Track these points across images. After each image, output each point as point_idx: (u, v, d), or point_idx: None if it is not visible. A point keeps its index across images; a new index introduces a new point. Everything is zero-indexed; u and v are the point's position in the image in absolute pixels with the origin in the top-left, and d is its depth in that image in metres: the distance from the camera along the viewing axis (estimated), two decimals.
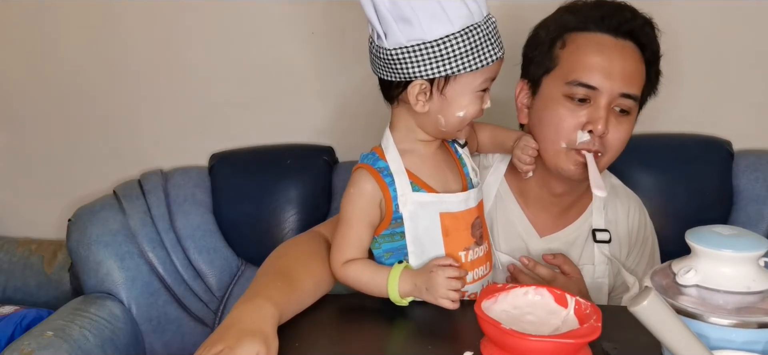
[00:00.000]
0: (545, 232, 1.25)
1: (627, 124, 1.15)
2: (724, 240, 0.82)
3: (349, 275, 1.03)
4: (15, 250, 1.81)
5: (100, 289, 1.55)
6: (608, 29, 1.13)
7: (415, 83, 0.97)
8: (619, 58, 1.12)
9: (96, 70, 1.75)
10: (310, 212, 1.63)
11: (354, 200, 1.03)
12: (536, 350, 0.83)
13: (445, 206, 1.02)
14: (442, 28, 0.93)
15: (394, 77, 0.98)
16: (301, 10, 1.67)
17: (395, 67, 0.97)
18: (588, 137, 1.12)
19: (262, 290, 0.97)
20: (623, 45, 1.13)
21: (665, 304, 0.74)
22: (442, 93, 0.98)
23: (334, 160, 1.73)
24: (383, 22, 0.95)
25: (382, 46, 0.97)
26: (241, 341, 0.86)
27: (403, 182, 1.01)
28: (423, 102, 0.98)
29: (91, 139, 1.81)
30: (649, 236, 1.34)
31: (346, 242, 1.03)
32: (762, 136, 1.64)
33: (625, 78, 1.12)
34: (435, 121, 1.00)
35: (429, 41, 0.94)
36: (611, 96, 1.11)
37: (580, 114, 1.12)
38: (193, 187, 1.68)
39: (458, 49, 0.94)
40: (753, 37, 1.60)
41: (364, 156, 1.05)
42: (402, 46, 0.95)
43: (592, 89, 1.11)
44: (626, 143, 1.17)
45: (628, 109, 1.14)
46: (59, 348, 1.33)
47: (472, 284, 1.05)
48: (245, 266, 1.68)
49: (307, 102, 1.74)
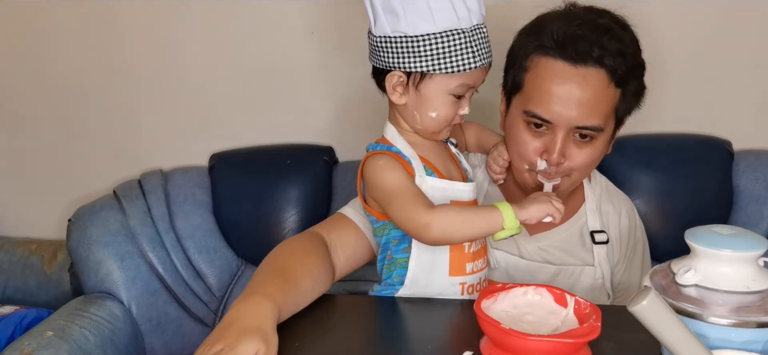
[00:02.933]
0: (535, 231, 1.25)
1: (590, 149, 1.13)
2: (724, 240, 0.82)
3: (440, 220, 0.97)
4: (15, 250, 1.81)
5: (100, 289, 1.55)
6: (567, 58, 1.08)
7: (393, 73, 1.01)
8: (576, 88, 1.07)
9: (96, 70, 1.75)
10: (310, 212, 1.63)
11: (392, 166, 1.01)
12: (536, 350, 0.83)
13: (456, 194, 1.05)
14: (425, 25, 0.96)
15: (378, 64, 1.03)
16: (301, 10, 1.67)
17: (379, 54, 1.02)
18: (545, 165, 1.13)
19: (261, 288, 0.97)
20: (584, 73, 1.07)
21: (665, 304, 0.74)
22: (417, 89, 1.01)
23: (334, 160, 1.73)
24: (374, 9, 1.00)
25: (371, 32, 1.03)
26: (240, 339, 0.86)
27: (418, 164, 1.04)
28: (399, 94, 1.02)
29: (91, 139, 1.81)
30: (639, 239, 1.34)
31: (415, 200, 0.98)
32: (762, 136, 1.63)
33: (583, 110, 1.08)
34: (411, 117, 1.04)
35: (410, 36, 0.97)
36: (568, 128, 1.10)
37: (537, 141, 1.13)
38: (193, 187, 1.68)
39: (436, 49, 0.97)
40: (753, 37, 1.60)
41: (371, 146, 1.07)
42: (386, 36, 0.99)
43: (548, 122, 1.11)
44: (596, 162, 1.16)
45: (592, 136, 1.12)
46: (59, 348, 1.33)
47: (471, 276, 1.06)
48: (245, 266, 1.68)
49: (307, 102, 1.74)
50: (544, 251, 1.24)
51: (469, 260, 1.05)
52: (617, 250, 1.28)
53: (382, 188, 1.01)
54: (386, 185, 1.01)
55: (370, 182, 1.03)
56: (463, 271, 1.05)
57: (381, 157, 1.03)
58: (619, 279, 1.28)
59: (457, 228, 0.98)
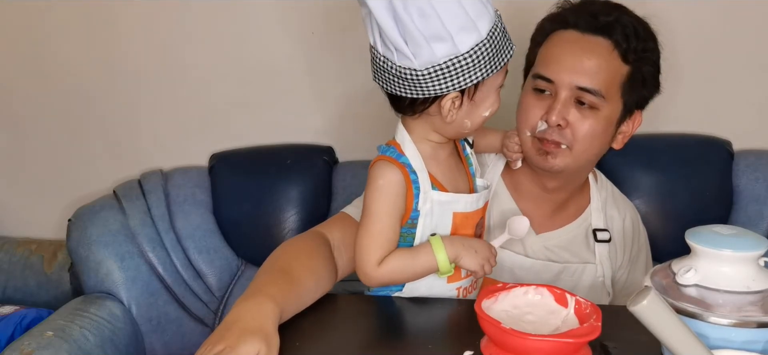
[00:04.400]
0: (541, 229, 1.25)
1: (592, 119, 1.14)
2: (724, 240, 0.82)
3: (386, 272, 0.99)
4: (15, 250, 1.81)
5: (100, 289, 1.55)
6: (577, 26, 1.16)
7: (449, 97, 0.95)
8: (581, 52, 1.14)
9: (96, 70, 1.76)
10: (310, 212, 1.63)
11: (386, 192, 0.99)
12: (536, 350, 0.83)
13: (459, 206, 1.03)
14: (472, 38, 0.91)
15: (422, 94, 0.95)
16: (301, 10, 1.67)
17: (425, 85, 0.93)
18: (545, 126, 1.15)
19: (263, 288, 0.97)
20: (591, 40, 1.14)
21: (665, 303, 0.74)
22: (472, 99, 0.97)
23: (334, 160, 1.73)
24: (412, 43, 0.90)
25: (409, 67, 0.92)
26: (242, 339, 0.86)
27: (425, 179, 1.01)
28: (453, 112, 0.97)
29: (91, 139, 1.81)
30: (643, 245, 1.35)
31: (380, 237, 0.99)
32: (762, 136, 1.64)
33: (585, 72, 1.13)
34: (460, 125, 1.00)
35: (461, 54, 0.91)
36: (569, 89, 1.13)
37: (541, 105, 1.16)
38: (193, 187, 1.68)
39: (487, 54, 0.93)
40: (753, 37, 1.60)
41: (383, 149, 1.03)
42: (436, 64, 0.91)
43: (550, 82, 1.15)
44: (595, 140, 1.16)
45: (593, 105, 1.14)
46: (59, 348, 1.33)
47: (465, 280, 1.06)
48: (245, 266, 1.68)
49: (307, 102, 1.74)
50: (550, 250, 1.24)
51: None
52: (620, 252, 1.28)
53: (366, 203, 1.01)
54: (371, 203, 1.00)
55: (366, 186, 1.03)
56: (458, 276, 1.05)
57: (383, 176, 0.99)
58: (622, 284, 1.29)
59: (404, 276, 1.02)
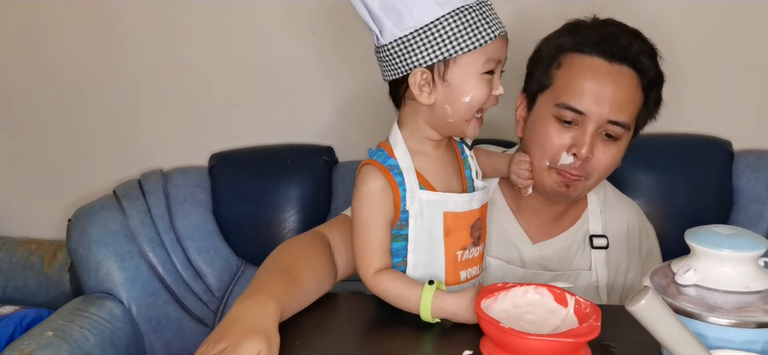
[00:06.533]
0: (538, 239, 1.25)
1: (615, 150, 1.14)
2: (724, 240, 0.82)
3: (379, 288, 1.00)
4: (15, 250, 1.81)
5: (100, 289, 1.55)
6: (603, 54, 1.12)
7: (416, 72, 0.96)
8: (611, 84, 1.11)
9: (96, 70, 1.76)
10: (310, 212, 1.63)
11: (368, 199, 0.99)
12: (535, 350, 0.83)
13: (449, 206, 1.01)
14: (432, 12, 0.93)
15: (396, 73, 0.98)
16: (301, 10, 1.67)
17: (394, 62, 0.97)
18: (571, 160, 1.13)
19: (264, 287, 0.97)
20: (618, 70, 1.12)
21: (663, 304, 0.74)
22: (444, 79, 0.96)
23: (334, 160, 1.73)
24: (376, 20, 0.95)
25: (380, 45, 0.98)
26: (243, 339, 0.86)
27: (412, 179, 1.00)
28: (427, 93, 0.97)
29: (91, 140, 1.81)
30: (653, 245, 1.33)
31: (370, 248, 1.00)
32: (762, 136, 1.64)
33: (615, 105, 1.11)
34: (442, 112, 0.99)
35: (421, 27, 0.94)
36: (599, 122, 1.12)
37: (566, 136, 1.13)
38: (193, 187, 1.68)
39: (451, 30, 0.94)
40: (753, 37, 1.60)
41: (372, 152, 1.03)
42: (396, 38, 0.95)
43: (580, 114, 1.12)
44: (614, 167, 1.17)
45: (616, 136, 1.14)
46: (59, 348, 1.33)
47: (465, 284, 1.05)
48: (245, 266, 1.68)
49: (307, 102, 1.74)
50: (545, 259, 1.23)
51: (462, 268, 1.04)
52: (623, 256, 1.27)
53: (353, 211, 1.01)
54: (357, 211, 1.00)
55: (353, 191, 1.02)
56: (457, 279, 1.04)
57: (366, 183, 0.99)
58: (630, 285, 1.27)
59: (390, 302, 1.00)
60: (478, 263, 1.07)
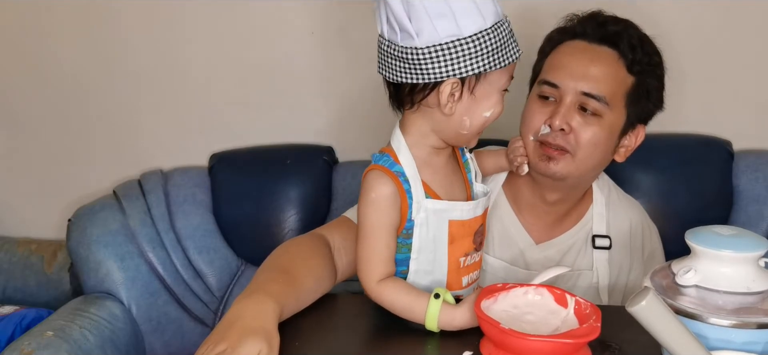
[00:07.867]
0: (541, 239, 1.25)
1: (596, 126, 1.15)
2: (724, 240, 0.82)
3: (383, 297, 0.98)
4: (15, 250, 1.81)
5: (100, 289, 1.55)
6: (584, 36, 1.19)
7: (448, 82, 0.93)
8: (587, 60, 1.16)
9: (96, 70, 1.76)
10: (310, 212, 1.63)
11: (377, 205, 0.97)
12: (535, 350, 0.83)
13: (455, 214, 1.00)
14: (476, 23, 0.91)
15: (423, 79, 0.93)
16: (301, 10, 1.67)
17: (426, 67, 0.92)
18: (549, 130, 1.16)
19: (263, 286, 0.96)
20: (597, 49, 1.17)
21: (663, 304, 0.74)
22: (472, 92, 0.95)
23: (334, 160, 1.73)
24: (415, 19, 0.90)
25: (412, 46, 0.92)
26: (243, 339, 0.86)
27: (418, 188, 0.98)
28: (452, 104, 0.95)
29: (91, 140, 1.81)
30: (656, 245, 1.33)
31: (376, 255, 0.98)
32: (762, 136, 1.64)
33: (591, 78, 1.14)
34: (458, 124, 0.97)
35: (464, 37, 0.91)
36: (574, 94, 1.15)
37: (546, 110, 1.17)
38: (193, 187, 1.68)
39: (490, 45, 0.92)
40: (753, 37, 1.60)
41: (376, 157, 1.00)
42: (437, 44, 0.91)
43: (555, 88, 1.16)
44: (597, 147, 1.16)
45: (596, 112, 1.14)
46: (59, 348, 1.33)
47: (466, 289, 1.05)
48: (245, 266, 1.68)
49: (307, 102, 1.74)
50: (549, 260, 1.23)
51: (464, 274, 1.04)
52: (626, 256, 1.27)
53: (360, 217, 0.99)
54: (364, 217, 0.98)
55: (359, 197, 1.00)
56: (459, 285, 1.04)
57: (375, 189, 0.97)
58: (633, 285, 1.27)
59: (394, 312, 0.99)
60: (478, 267, 1.07)
